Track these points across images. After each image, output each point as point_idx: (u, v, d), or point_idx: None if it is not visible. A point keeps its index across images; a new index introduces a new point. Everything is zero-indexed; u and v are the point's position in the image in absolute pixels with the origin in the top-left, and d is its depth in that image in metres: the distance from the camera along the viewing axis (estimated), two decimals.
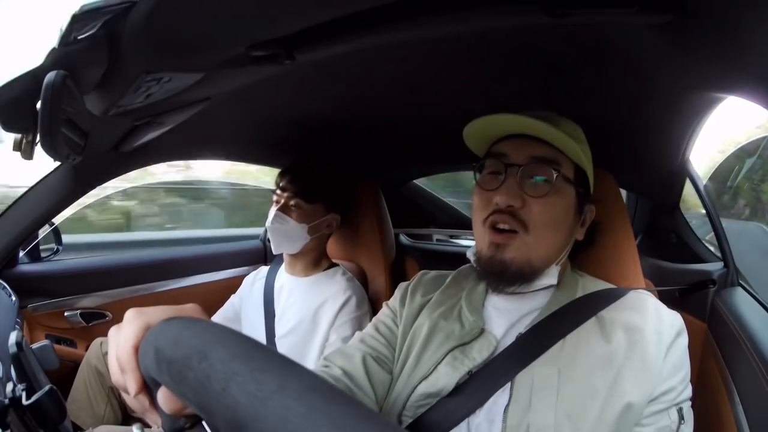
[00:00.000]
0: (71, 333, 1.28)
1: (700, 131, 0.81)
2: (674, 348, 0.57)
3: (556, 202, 0.62)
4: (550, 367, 0.57)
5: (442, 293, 0.73)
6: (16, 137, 0.54)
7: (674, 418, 0.55)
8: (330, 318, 1.05)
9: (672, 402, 0.55)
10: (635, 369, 0.55)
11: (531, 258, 0.61)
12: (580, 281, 0.67)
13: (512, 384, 0.58)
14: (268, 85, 0.74)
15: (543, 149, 0.63)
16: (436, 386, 0.61)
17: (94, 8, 0.47)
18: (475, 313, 0.66)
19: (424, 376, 0.62)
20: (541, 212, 0.61)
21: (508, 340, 0.62)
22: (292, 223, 1.07)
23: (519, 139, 0.64)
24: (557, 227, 0.63)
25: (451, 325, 0.66)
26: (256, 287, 1.20)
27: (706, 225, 0.99)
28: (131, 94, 0.59)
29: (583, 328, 0.60)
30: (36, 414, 0.61)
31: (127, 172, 1.12)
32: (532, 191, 0.61)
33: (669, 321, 0.59)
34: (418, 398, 0.61)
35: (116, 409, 1.15)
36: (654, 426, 0.54)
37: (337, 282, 1.10)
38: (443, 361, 0.62)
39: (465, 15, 0.49)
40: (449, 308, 0.69)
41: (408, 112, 0.96)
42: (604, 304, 0.62)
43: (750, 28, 0.40)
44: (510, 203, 0.60)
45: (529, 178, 0.62)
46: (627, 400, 0.54)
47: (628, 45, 0.58)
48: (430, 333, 0.66)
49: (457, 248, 1.58)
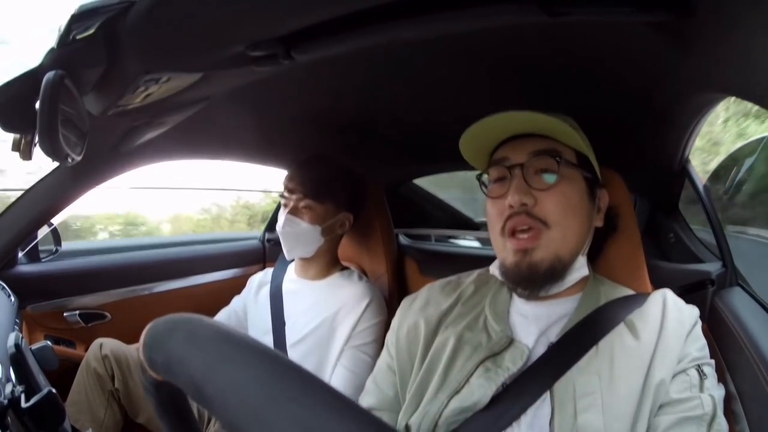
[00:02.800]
0: (70, 333, 1.28)
1: (700, 131, 0.82)
2: (693, 333, 0.60)
3: (567, 189, 0.62)
4: (589, 374, 0.56)
5: (464, 304, 0.70)
6: (14, 137, 0.54)
7: (693, 374, 0.56)
8: (351, 323, 1.01)
9: (689, 363, 0.57)
10: (660, 357, 0.56)
11: (560, 253, 0.61)
12: (602, 288, 0.67)
13: (551, 394, 0.56)
14: (267, 85, 0.74)
15: (541, 143, 0.63)
16: (470, 400, 0.59)
17: (92, 8, 0.47)
18: (501, 322, 0.64)
19: (456, 391, 0.60)
20: (557, 203, 0.60)
21: (539, 349, 0.61)
22: (305, 225, 1.03)
23: (515, 141, 0.64)
24: (576, 214, 0.62)
25: (477, 336, 0.64)
26: (262, 291, 1.15)
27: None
28: (130, 94, 0.59)
29: (615, 333, 0.60)
30: (35, 417, 0.61)
31: (126, 172, 1.12)
32: (541, 185, 0.61)
33: (688, 312, 0.62)
34: (450, 414, 0.59)
35: (116, 412, 1.13)
36: (674, 385, 0.55)
37: (356, 284, 1.06)
38: (475, 373, 0.60)
39: (464, 14, 0.49)
40: (473, 319, 0.67)
41: (408, 112, 0.95)
42: (630, 309, 0.62)
43: (750, 27, 0.40)
44: (523, 201, 0.60)
45: (534, 173, 0.62)
46: (656, 381, 0.55)
47: (628, 45, 0.58)
48: (456, 346, 0.64)
49: (456, 248, 1.58)
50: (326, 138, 1.14)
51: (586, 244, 0.65)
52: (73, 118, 0.54)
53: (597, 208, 0.67)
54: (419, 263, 1.45)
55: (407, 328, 0.71)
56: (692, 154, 0.94)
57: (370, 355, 1.00)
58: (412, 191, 1.71)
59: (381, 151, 1.26)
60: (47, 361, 0.85)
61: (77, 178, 1.03)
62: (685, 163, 0.96)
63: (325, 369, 1.02)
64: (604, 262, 0.74)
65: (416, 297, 0.76)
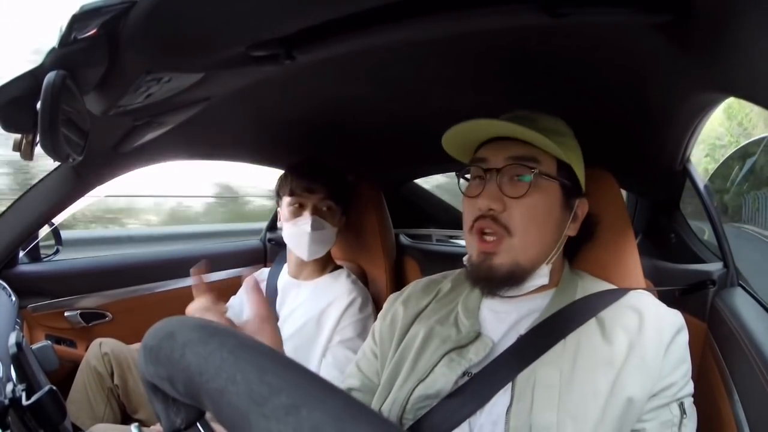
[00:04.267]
0: (71, 333, 1.28)
1: (700, 131, 0.82)
2: (674, 345, 0.57)
3: (537, 201, 0.62)
4: (551, 368, 0.57)
5: (439, 301, 0.73)
6: (15, 137, 0.54)
7: (676, 412, 0.55)
8: (334, 320, 1.04)
9: (673, 397, 0.56)
10: (635, 366, 0.55)
11: (519, 260, 0.62)
12: (580, 282, 0.67)
13: (513, 385, 0.58)
14: (267, 86, 0.74)
15: (520, 149, 0.63)
16: (434, 387, 0.61)
17: (93, 8, 0.47)
18: (471, 318, 0.66)
19: (421, 379, 0.63)
20: (522, 213, 0.61)
21: (507, 342, 0.62)
22: (329, 227, 1.05)
23: (497, 142, 0.65)
24: (542, 226, 0.63)
25: (447, 330, 0.66)
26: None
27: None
28: (131, 94, 0.59)
29: (584, 329, 0.60)
30: (36, 414, 0.61)
31: (127, 172, 1.12)
32: (512, 192, 0.62)
33: (669, 319, 0.60)
34: (416, 400, 0.62)
35: (115, 410, 1.14)
36: (656, 421, 0.55)
37: (342, 284, 1.09)
38: (440, 363, 0.63)
39: (464, 15, 0.49)
40: (446, 314, 0.70)
41: (408, 112, 0.95)
42: (603, 305, 0.62)
43: (750, 27, 0.40)
44: (491, 206, 0.61)
45: (509, 179, 0.63)
46: (627, 395, 0.54)
47: (628, 45, 0.58)
48: (426, 338, 0.67)
49: (456, 248, 1.58)
50: (326, 138, 1.15)
51: (552, 253, 0.65)
52: (75, 118, 0.54)
53: (573, 216, 0.67)
54: (420, 263, 1.45)
55: (390, 319, 0.74)
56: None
57: (354, 351, 1.02)
58: (412, 191, 1.71)
59: (381, 152, 1.26)
60: (48, 360, 0.85)
61: (78, 178, 1.03)
62: (685, 163, 0.96)
63: (310, 363, 1.05)
64: (596, 262, 0.73)
65: (402, 292, 0.79)
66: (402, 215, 1.53)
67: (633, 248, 0.73)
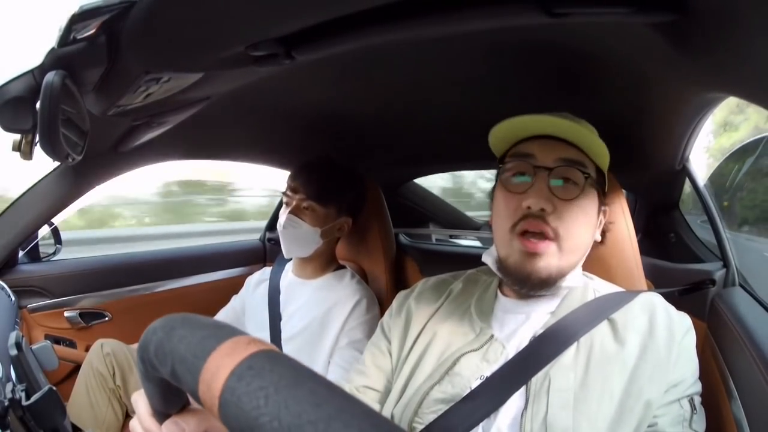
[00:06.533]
0: (71, 333, 1.28)
1: (700, 131, 0.81)
2: (684, 345, 0.58)
3: (585, 205, 0.62)
4: (565, 371, 0.57)
5: (451, 302, 0.72)
6: (15, 137, 0.54)
7: (686, 408, 0.56)
8: (340, 321, 1.04)
9: (683, 393, 0.56)
10: (649, 368, 0.56)
11: (561, 264, 0.61)
12: (590, 284, 0.67)
13: (527, 388, 0.57)
14: (267, 86, 0.74)
15: (570, 151, 0.62)
16: (450, 392, 0.60)
17: (93, 8, 0.47)
18: (485, 320, 0.66)
19: (436, 383, 0.62)
20: (572, 216, 0.60)
21: (521, 343, 0.62)
22: (305, 226, 1.05)
23: (544, 140, 0.63)
24: (586, 231, 0.63)
25: (461, 333, 0.66)
26: (260, 288, 1.18)
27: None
28: (131, 94, 0.59)
29: (596, 331, 0.60)
30: (35, 414, 0.61)
31: (127, 172, 1.12)
32: (564, 195, 0.61)
33: (678, 320, 0.60)
34: (430, 404, 0.61)
35: (117, 411, 1.14)
36: (668, 416, 0.55)
37: (347, 285, 1.09)
38: (455, 366, 0.62)
39: (462, 15, 0.49)
40: (459, 316, 0.69)
41: (408, 112, 0.95)
42: (615, 308, 0.62)
43: (750, 27, 0.40)
44: (543, 207, 0.59)
45: (558, 181, 0.62)
46: (646, 398, 0.54)
47: (628, 45, 0.58)
48: (440, 342, 0.66)
49: (456, 248, 1.58)
50: (326, 138, 1.14)
51: (584, 257, 0.66)
52: (74, 118, 0.54)
53: (599, 223, 0.67)
54: (419, 263, 1.45)
55: (404, 316, 0.73)
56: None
57: (362, 352, 1.01)
58: (412, 191, 1.71)
59: (381, 151, 1.26)
60: (47, 360, 0.85)
61: (78, 178, 1.03)
62: (685, 163, 0.96)
63: (316, 364, 1.04)
64: (599, 263, 0.73)
65: (412, 290, 0.78)
66: (402, 215, 1.53)
67: (635, 249, 0.74)
